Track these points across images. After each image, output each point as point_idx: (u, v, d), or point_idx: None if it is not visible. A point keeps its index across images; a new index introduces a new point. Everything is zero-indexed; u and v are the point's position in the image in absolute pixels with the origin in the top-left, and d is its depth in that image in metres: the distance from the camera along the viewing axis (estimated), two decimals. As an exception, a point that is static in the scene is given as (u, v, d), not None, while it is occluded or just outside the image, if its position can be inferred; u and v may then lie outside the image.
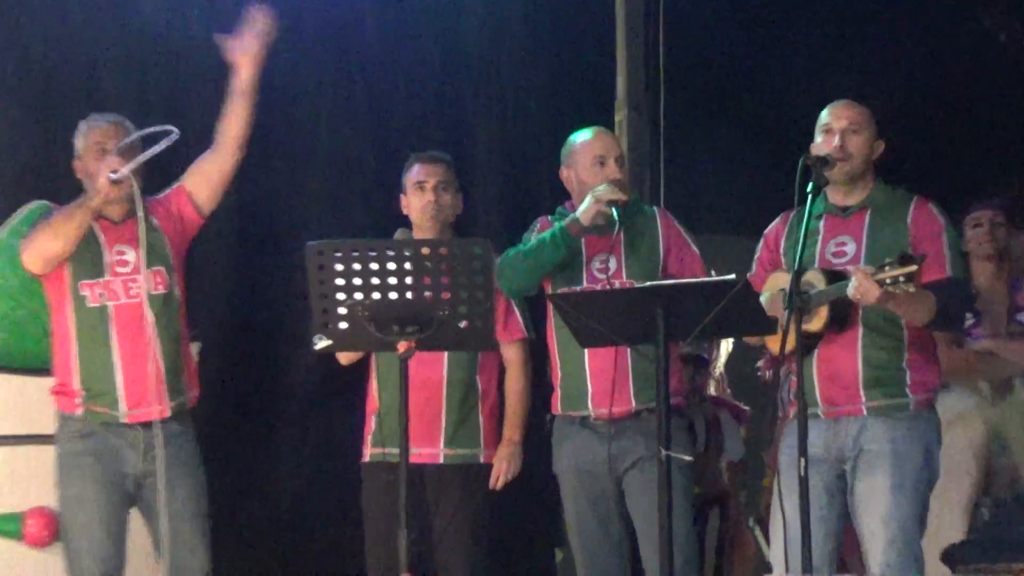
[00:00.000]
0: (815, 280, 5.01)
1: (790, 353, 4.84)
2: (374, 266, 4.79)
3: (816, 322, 5.02)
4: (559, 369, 5.56)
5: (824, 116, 5.22)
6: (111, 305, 5.39)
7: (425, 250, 4.85)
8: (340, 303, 4.81)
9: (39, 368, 5.69)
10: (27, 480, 5.80)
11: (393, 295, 4.79)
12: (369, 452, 5.74)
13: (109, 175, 5.26)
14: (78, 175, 5.49)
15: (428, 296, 4.81)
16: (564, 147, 5.66)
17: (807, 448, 4.76)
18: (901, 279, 4.72)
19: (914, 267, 4.71)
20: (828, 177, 5.08)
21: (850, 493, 5.11)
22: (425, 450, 5.56)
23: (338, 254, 4.79)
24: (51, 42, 6.18)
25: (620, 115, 7.19)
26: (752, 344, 5.52)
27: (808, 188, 4.94)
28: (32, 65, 6.15)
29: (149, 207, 5.46)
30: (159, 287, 5.43)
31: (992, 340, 6.03)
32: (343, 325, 4.83)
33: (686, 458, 5.18)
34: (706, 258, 5.59)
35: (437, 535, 5.63)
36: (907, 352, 5.13)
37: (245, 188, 6.07)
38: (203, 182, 5.54)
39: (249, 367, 6.40)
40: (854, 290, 4.82)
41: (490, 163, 6.82)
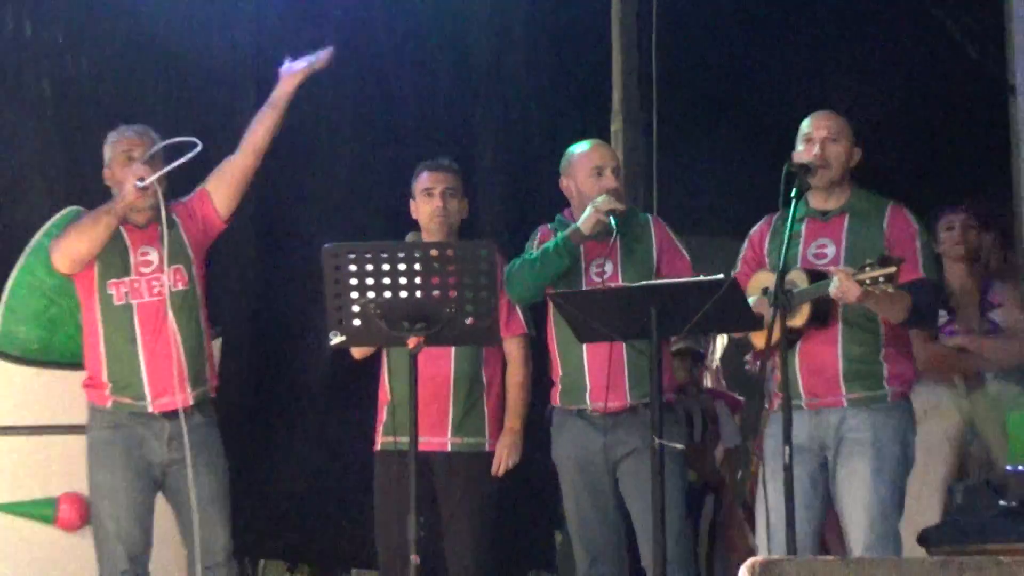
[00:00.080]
0: (798, 279, 5.09)
1: (774, 347, 4.90)
2: (385, 267, 4.85)
3: (799, 318, 5.09)
4: (559, 365, 5.60)
5: (805, 126, 5.28)
6: (135, 303, 5.47)
7: (433, 252, 4.91)
8: (354, 301, 4.86)
9: (72, 363, 5.80)
10: (60, 467, 5.87)
11: (403, 294, 4.85)
12: (380, 441, 5.78)
13: (136, 182, 5.36)
14: (107, 182, 5.59)
15: (436, 295, 4.86)
16: (563, 158, 5.68)
17: (792, 438, 4.83)
18: (881, 279, 4.79)
19: (893, 268, 4.80)
20: (810, 183, 5.14)
21: (832, 479, 5.17)
22: (434, 439, 5.61)
23: (352, 256, 4.85)
24: (86, 59, 6.25)
25: (615, 125, 7.18)
26: (735, 338, 5.57)
27: (792, 193, 5.02)
28: (66, 81, 6.22)
29: (172, 209, 5.54)
30: (180, 284, 5.52)
31: (965, 337, 6.08)
32: (356, 322, 4.89)
33: (678, 446, 5.22)
34: (697, 259, 5.63)
35: (445, 519, 5.67)
36: (884, 347, 5.20)
37: (268, 193, 6.19)
38: (224, 186, 5.62)
39: (269, 361, 6.44)
40: (836, 289, 4.89)
41: (494, 171, 6.85)
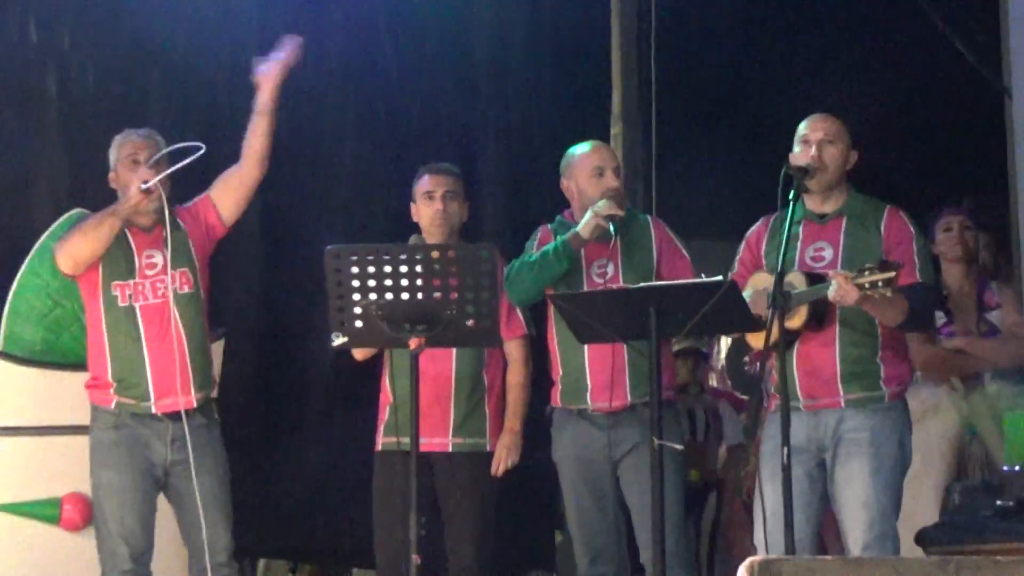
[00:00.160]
0: (796, 281, 5.08)
1: (772, 347, 4.89)
2: (387, 269, 4.85)
3: (796, 320, 5.09)
4: (559, 365, 5.60)
5: (802, 128, 5.27)
6: (138, 305, 5.47)
7: (435, 254, 4.91)
8: (356, 303, 4.86)
9: (76, 364, 5.79)
10: (64, 468, 5.85)
11: (405, 296, 4.85)
12: (381, 441, 5.76)
13: (140, 185, 5.37)
14: (112, 185, 5.60)
15: (437, 297, 4.86)
16: (563, 159, 5.68)
17: (790, 438, 4.82)
18: (880, 284, 4.79)
19: (892, 273, 4.80)
20: (807, 185, 5.13)
21: (830, 479, 5.16)
22: (435, 440, 5.60)
23: (354, 258, 4.86)
24: (90, 62, 6.27)
25: (615, 129, 7.20)
26: (735, 339, 5.55)
27: (789, 196, 5.01)
28: (70, 83, 6.24)
29: (177, 214, 5.56)
30: (184, 287, 5.53)
31: (962, 338, 6.05)
32: (358, 324, 4.89)
33: (677, 447, 5.22)
34: (696, 262, 5.63)
35: (446, 519, 5.67)
36: (881, 349, 5.19)
37: (273, 196, 6.20)
38: (227, 193, 5.63)
39: (272, 361, 6.45)
40: (834, 293, 4.89)
41: (495, 173, 6.86)
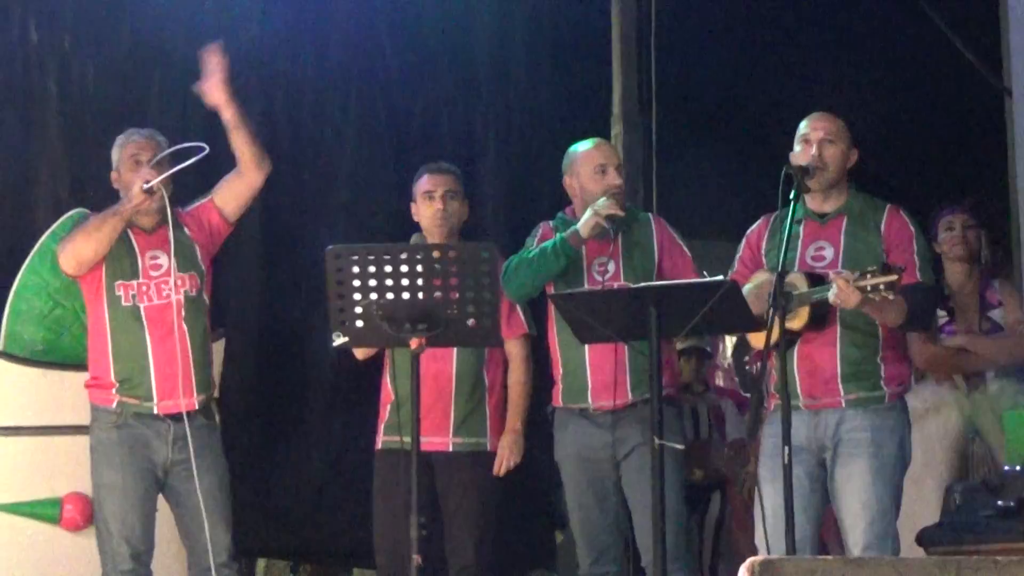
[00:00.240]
0: (797, 282, 5.06)
1: (772, 347, 4.86)
2: (388, 268, 4.82)
3: (797, 321, 5.07)
4: (560, 365, 5.58)
5: (802, 127, 5.24)
6: (142, 306, 5.45)
7: (435, 253, 4.89)
8: (356, 303, 4.84)
9: (77, 364, 5.75)
10: (65, 468, 5.81)
11: (406, 295, 4.82)
12: (382, 440, 5.75)
13: (142, 185, 5.35)
14: (114, 185, 5.58)
15: (438, 296, 4.84)
16: (566, 157, 5.65)
17: (790, 438, 4.79)
18: (882, 287, 4.78)
19: (894, 276, 4.78)
20: (808, 185, 5.10)
21: (830, 479, 5.14)
22: (435, 439, 5.58)
23: (355, 258, 4.83)
24: (91, 62, 6.25)
25: (616, 129, 7.18)
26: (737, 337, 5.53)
27: (790, 195, 4.98)
28: (72, 84, 6.22)
29: (180, 217, 5.55)
30: (192, 290, 5.51)
31: (963, 337, 6.02)
32: (359, 323, 4.86)
33: (678, 447, 5.20)
34: (695, 261, 5.60)
35: (447, 518, 5.65)
36: (882, 349, 5.17)
37: (274, 196, 6.17)
38: (230, 197, 5.62)
39: (273, 361, 6.44)
40: (835, 297, 4.86)
41: (496, 173, 6.86)
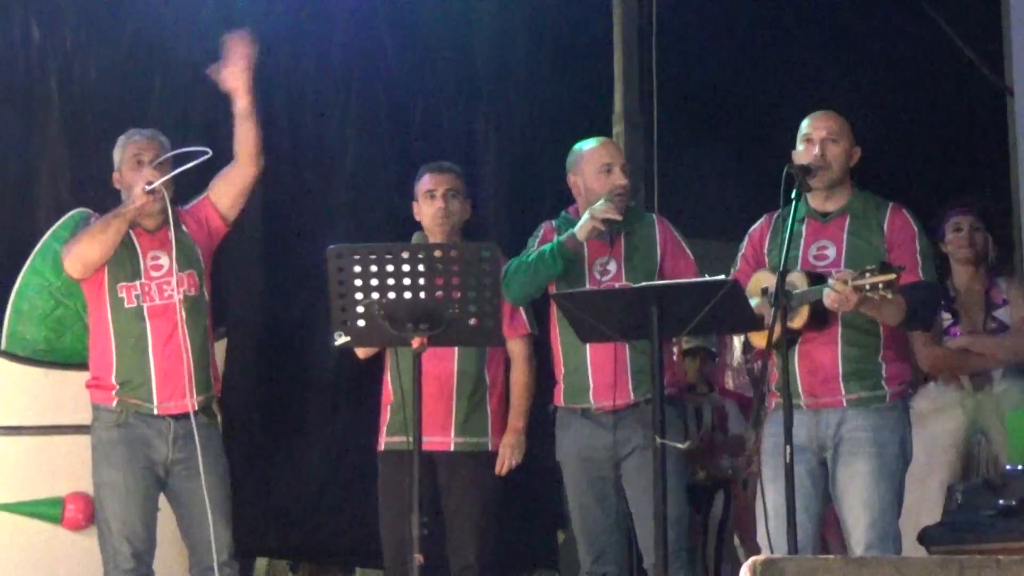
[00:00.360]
0: (798, 281, 5.01)
1: (774, 346, 4.83)
2: (389, 268, 4.79)
3: (798, 320, 5.02)
4: (562, 365, 5.55)
5: (804, 126, 5.21)
6: (146, 306, 5.43)
7: (437, 253, 4.86)
8: (358, 302, 4.81)
9: (79, 363, 5.72)
10: (67, 467, 5.79)
11: (407, 295, 4.79)
12: (384, 441, 5.72)
13: (144, 187, 5.34)
14: (116, 186, 5.57)
15: (440, 296, 4.81)
16: (570, 155, 5.61)
17: (792, 437, 4.76)
18: (880, 286, 4.74)
19: (893, 275, 4.74)
20: (810, 184, 5.07)
21: (832, 479, 5.11)
22: (437, 438, 5.53)
23: (356, 257, 4.80)
24: (93, 62, 6.23)
25: (617, 128, 7.18)
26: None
27: (792, 194, 4.94)
28: (73, 83, 6.20)
29: (179, 216, 5.53)
30: (191, 289, 5.49)
31: (966, 337, 5.99)
32: (361, 323, 4.83)
33: (680, 446, 5.14)
34: (696, 261, 5.56)
35: (448, 518, 5.62)
36: (883, 348, 5.13)
37: (275, 195, 6.19)
38: (225, 193, 5.60)
39: (275, 361, 6.41)
40: (832, 299, 4.81)
41: (498, 172, 6.83)
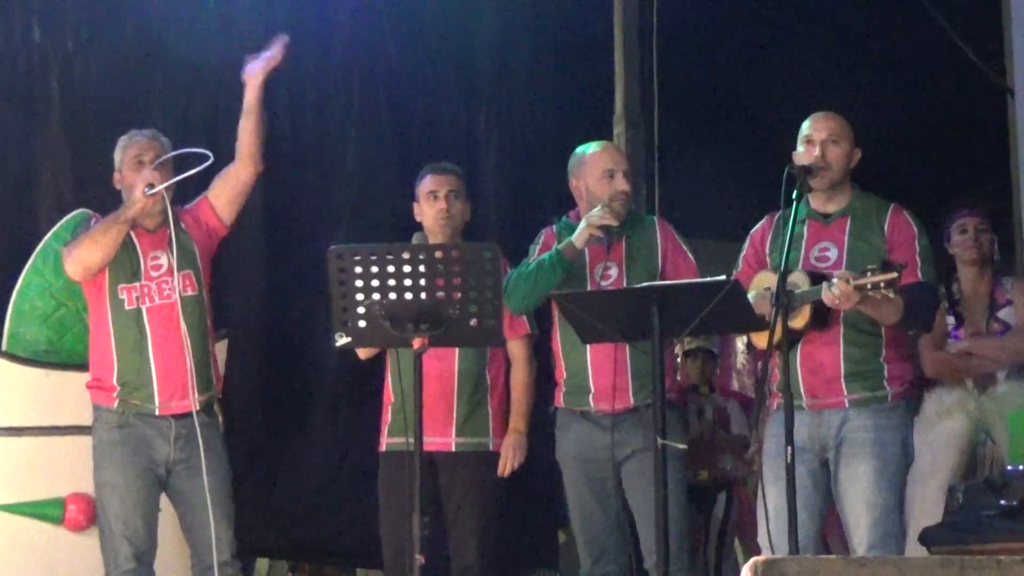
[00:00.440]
0: (800, 281, 5.01)
1: (776, 346, 4.80)
2: (390, 268, 4.76)
3: (799, 320, 5.03)
4: (563, 367, 5.54)
5: (805, 127, 5.20)
6: (145, 307, 5.42)
7: (438, 253, 4.83)
8: (359, 303, 4.79)
9: (80, 364, 5.69)
10: (68, 468, 5.76)
11: (408, 295, 4.77)
12: (385, 441, 5.70)
13: (144, 188, 5.33)
14: (117, 186, 5.56)
15: (440, 296, 4.78)
16: (572, 158, 5.59)
17: (793, 437, 4.73)
18: (882, 285, 4.74)
19: (894, 275, 4.74)
20: (811, 185, 5.06)
21: (834, 479, 5.10)
22: (438, 439, 5.53)
23: (357, 258, 4.78)
24: (94, 63, 6.20)
25: (618, 129, 7.18)
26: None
27: (792, 195, 4.92)
28: (74, 84, 6.17)
29: (179, 216, 5.53)
30: (189, 289, 5.48)
31: (967, 340, 5.98)
32: (362, 323, 4.81)
33: (680, 446, 5.15)
34: (697, 262, 5.53)
35: (449, 518, 5.61)
36: (885, 348, 5.13)
37: (276, 195, 6.18)
38: (224, 193, 5.60)
39: (276, 361, 6.38)
40: (833, 297, 4.81)
41: (498, 173, 6.81)
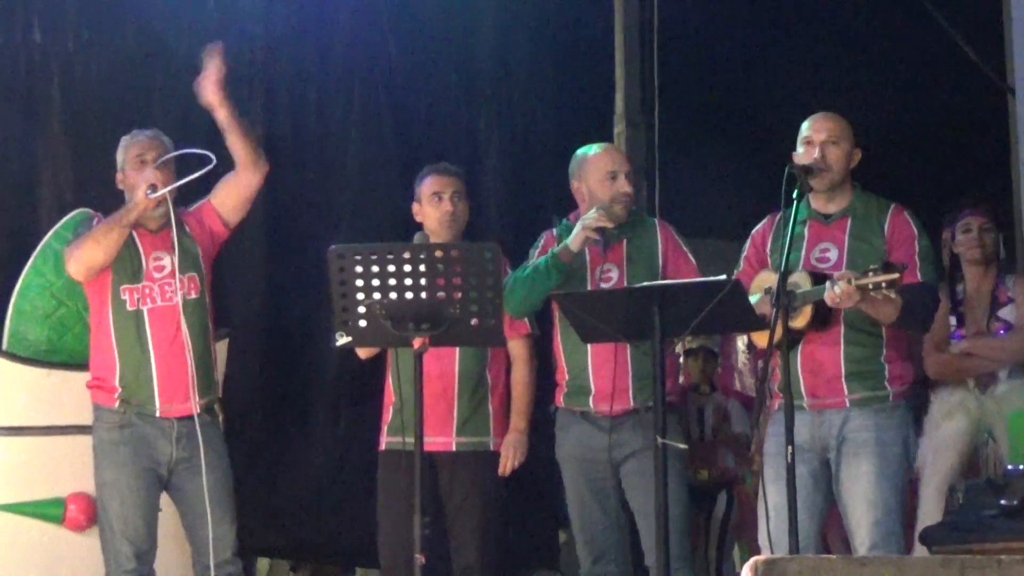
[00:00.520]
0: (801, 281, 5.01)
1: (776, 346, 4.79)
2: (391, 268, 4.75)
3: (800, 320, 5.02)
4: (564, 368, 5.54)
5: (805, 128, 5.18)
6: (146, 309, 5.41)
7: (438, 253, 4.82)
8: (359, 303, 4.78)
9: (81, 364, 5.67)
10: (68, 468, 5.73)
11: (408, 295, 4.75)
12: (386, 441, 5.69)
13: (146, 191, 5.32)
14: (119, 186, 5.54)
15: (441, 296, 4.77)
16: (573, 160, 5.59)
17: (794, 437, 4.72)
18: (883, 285, 4.73)
19: (896, 275, 4.74)
20: (811, 185, 5.05)
21: (835, 479, 5.10)
22: (438, 439, 5.52)
23: (357, 257, 4.77)
24: (94, 64, 6.19)
25: (618, 129, 7.18)
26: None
27: (793, 195, 4.91)
28: (75, 85, 6.16)
29: (182, 217, 5.52)
30: (192, 292, 5.47)
31: (967, 341, 5.96)
32: (362, 323, 4.80)
33: (681, 446, 5.13)
34: (698, 262, 5.53)
35: (450, 518, 5.60)
36: (885, 348, 5.13)
37: (277, 196, 6.16)
38: (228, 198, 5.59)
39: (277, 361, 6.37)
40: (835, 296, 4.80)
41: (499, 174, 6.80)
